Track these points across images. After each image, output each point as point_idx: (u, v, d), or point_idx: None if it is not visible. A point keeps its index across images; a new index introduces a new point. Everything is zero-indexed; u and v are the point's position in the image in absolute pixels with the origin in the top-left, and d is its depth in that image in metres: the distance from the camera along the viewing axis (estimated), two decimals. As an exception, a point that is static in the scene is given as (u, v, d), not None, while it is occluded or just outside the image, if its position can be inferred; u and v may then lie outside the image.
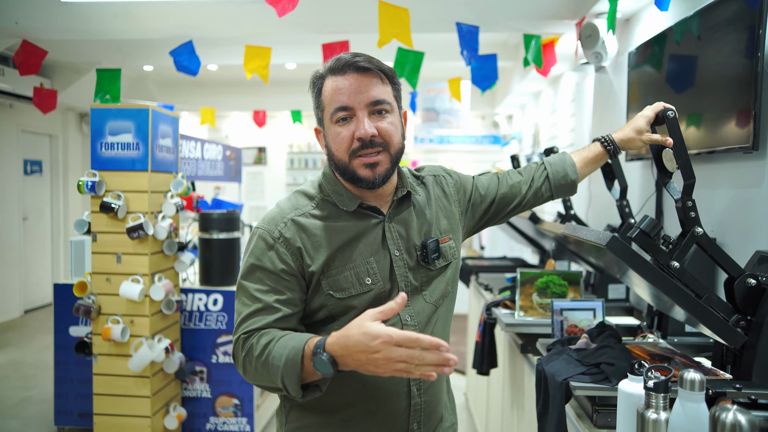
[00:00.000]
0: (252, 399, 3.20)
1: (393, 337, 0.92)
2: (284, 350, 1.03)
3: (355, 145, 1.13)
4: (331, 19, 3.42)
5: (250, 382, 1.14)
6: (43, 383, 4.30)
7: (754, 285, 1.28)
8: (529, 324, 2.11)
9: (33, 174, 6.89)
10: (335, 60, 1.15)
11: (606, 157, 1.49)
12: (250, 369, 1.10)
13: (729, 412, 0.85)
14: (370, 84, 1.13)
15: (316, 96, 1.19)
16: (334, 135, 1.15)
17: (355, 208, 1.18)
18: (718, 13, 1.85)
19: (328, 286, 1.15)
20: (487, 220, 1.42)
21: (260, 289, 1.13)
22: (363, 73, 1.13)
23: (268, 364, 1.05)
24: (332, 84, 1.14)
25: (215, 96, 7.73)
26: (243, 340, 1.10)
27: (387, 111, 1.15)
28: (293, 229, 1.15)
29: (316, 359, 0.98)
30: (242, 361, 1.10)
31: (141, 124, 2.82)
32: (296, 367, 1.01)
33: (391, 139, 1.15)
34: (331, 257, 1.15)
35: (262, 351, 1.06)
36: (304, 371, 1.01)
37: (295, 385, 1.02)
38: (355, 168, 1.14)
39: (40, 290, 6.96)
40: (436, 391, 1.24)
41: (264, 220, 1.19)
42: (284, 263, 1.14)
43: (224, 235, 3.19)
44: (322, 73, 1.17)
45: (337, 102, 1.13)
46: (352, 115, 1.13)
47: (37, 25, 3.51)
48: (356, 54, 1.15)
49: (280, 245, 1.14)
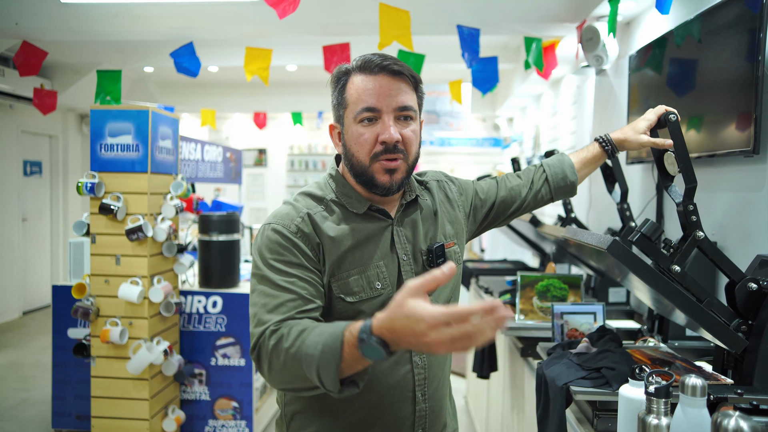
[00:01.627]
0: (251, 402, 3.19)
1: (438, 319, 0.79)
2: (320, 337, 0.92)
3: (378, 148, 1.11)
4: (332, 21, 3.42)
5: (275, 382, 1.02)
6: (41, 385, 4.29)
7: (755, 289, 1.27)
8: (530, 327, 2.10)
9: (33, 175, 6.89)
10: (365, 60, 1.12)
11: (604, 156, 1.49)
12: (277, 363, 0.98)
13: (731, 418, 0.85)
14: (399, 88, 1.12)
15: (338, 92, 1.16)
16: (356, 135, 1.12)
17: (365, 211, 1.16)
18: (719, 17, 1.85)
19: (339, 290, 1.12)
20: (488, 223, 1.42)
21: (285, 280, 1.06)
22: (394, 77, 1.12)
23: (300, 354, 0.94)
24: (361, 83, 1.12)
25: (216, 97, 7.74)
26: (271, 331, 1.00)
27: (411, 118, 1.14)
28: (311, 225, 1.12)
29: (365, 345, 0.86)
30: (269, 353, 0.99)
31: (141, 125, 2.81)
32: (335, 354, 0.89)
33: (410, 148, 1.14)
34: (342, 259, 1.12)
35: (295, 340, 0.96)
36: (344, 360, 0.89)
37: (333, 375, 0.90)
38: (374, 172, 1.12)
39: (39, 291, 6.95)
40: (440, 397, 1.23)
41: (276, 216, 1.14)
42: (305, 256, 1.09)
43: (224, 237, 3.18)
44: (349, 68, 1.14)
45: (364, 102, 1.11)
46: (377, 117, 1.11)
47: (37, 25, 3.51)
48: (385, 56, 1.13)
49: (299, 239, 1.10)
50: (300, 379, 0.96)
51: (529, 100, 6.05)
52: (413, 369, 1.16)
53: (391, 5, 2.80)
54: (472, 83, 3.40)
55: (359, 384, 0.94)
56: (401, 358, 1.16)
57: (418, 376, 1.17)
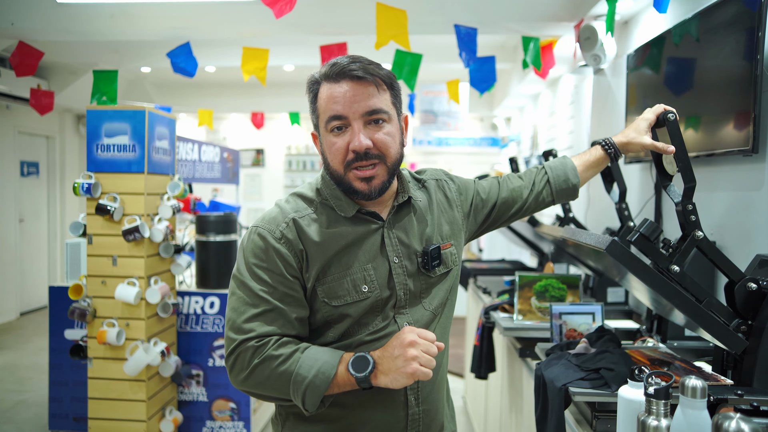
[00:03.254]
0: (249, 403, 3.18)
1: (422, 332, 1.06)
2: (315, 363, 1.05)
3: (350, 156, 1.10)
4: (329, 21, 3.41)
5: (244, 387, 1.09)
6: (38, 386, 4.27)
7: (754, 289, 1.27)
8: (528, 328, 2.10)
9: (30, 176, 6.87)
10: (331, 65, 1.12)
11: (607, 160, 1.47)
12: (259, 377, 1.06)
13: (732, 420, 0.84)
14: (365, 93, 1.09)
15: (311, 101, 1.16)
16: (329, 144, 1.12)
17: (354, 214, 1.16)
18: (717, 16, 1.84)
19: (324, 293, 1.12)
20: (489, 224, 1.40)
21: (265, 290, 1.09)
22: (358, 82, 1.09)
23: (289, 373, 1.04)
24: (327, 91, 1.11)
25: (213, 98, 7.72)
26: (254, 348, 1.06)
27: (384, 120, 1.12)
28: (295, 231, 1.12)
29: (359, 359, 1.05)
30: (252, 366, 1.06)
31: (137, 125, 2.80)
32: (327, 381, 1.04)
33: (387, 151, 1.12)
34: (328, 264, 1.12)
35: (285, 359, 1.05)
36: (333, 386, 1.05)
37: (318, 398, 1.04)
38: (350, 180, 1.12)
39: (36, 292, 6.93)
40: (435, 400, 1.22)
41: (264, 219, 1.15)
42: (287, 264, 1.11)
43: (221, 238, 3.17)
44: (317, 78, 1.14)
45: (331, 110, 1.10)
46: (347, 125, 1.10)
47: (33, 26, 3.49)
48: (354, 59, 1.11)
49: (282, 246, 1.11)
50: (276, 392, 1.08)
51: (527, 100, 6.05)
52: None
53: (388, 5, 2.79)
54: (470, 83, 3.39)
55: (326, 404, 1.07)
56: None
57: None
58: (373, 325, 1.14)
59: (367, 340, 1.13)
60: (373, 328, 1.14)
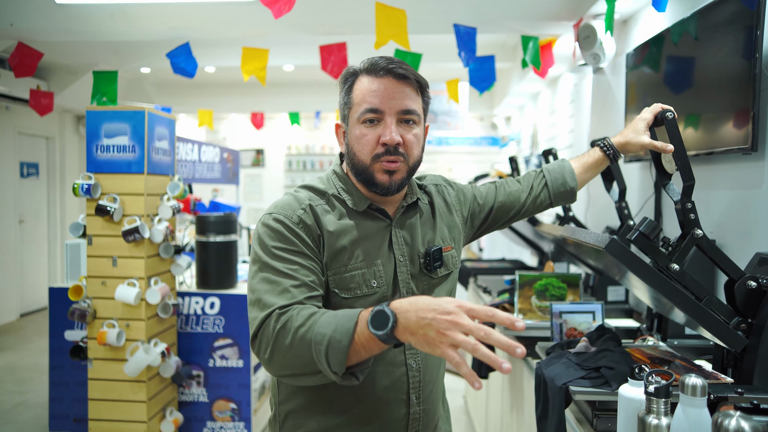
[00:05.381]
0: (249, 403, 3.18)
1: (467, 306, 0.85)
2: (334, 318, 0.95)
3: (379, 149, 1.12)
4: (328, 21, 3.41)
5: (274, 366, 1.01)
6: (38, 387, 4.27)
7: (754, 287, 1.27)
8: (528, 327, 2.10)
9: (30, 176, 6.87)
10: (372, 62, 1.14)
11: (606, 162, 1.48)
12: (282, 344, 0.98)
13: (732, 418, 0.84)
14: (404, 92, 1.13)
15: (345, 92, 1.17)
16: (359, 135, 1.14)
17: (365, 209, 1.17)
18: (716, 14, 1.84)
19: (334, 284, 1.13)
20: (486, 227, 1.43)
21: (288, 267, 1.07)
22: (400, 80, 1.13)
23: (310, 334, 0.95)
24: (367, 84, 1.14)
25: (213, 98, 7.72)
26: (278, 315, 1.00)
27: (414, 122, 1.15)
28: (312, 216, 1.13)
29: (377, 313, 0.89)
30: (275, 335, 0.98)
31: (137, 126, 2.80)
32: (348, 333, 0.91)
33: (412, 152, 1.15)
34: (339, 254, 1.13)
35: (305, 321, 0.97)
36: (354, 342, 0.91)
37: (342, 354, 0.91)
38: (374, 171, 1.14)
39: (37, 293, 6.93)
40: (434, 400, 1.23)
41: (278, 206, 1.14)
42: (307, 245, 1.10)
43: (221, 238, 3.17)
44: (357, 70, 1.16)
45: (368, 103, 1.12)
46: (380, 119, 1.13)
47: (32, 26, 3.49)
48: (392, 59, 1.14)
49: (301, 230, 1.11)
50: (303, 361, 0.96)
51: (527, 99, 6.05)
52: (408, 372, 1.17)
53: (387, 4, 2.79)
54: (470, 82, 3.39)
55: (359, 377, 0.95)
56: (396, 359, 1.16)
57: (412, 379, 1.17)
58: None
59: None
60: None
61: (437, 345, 0.84)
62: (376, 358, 1.11)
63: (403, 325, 0.87)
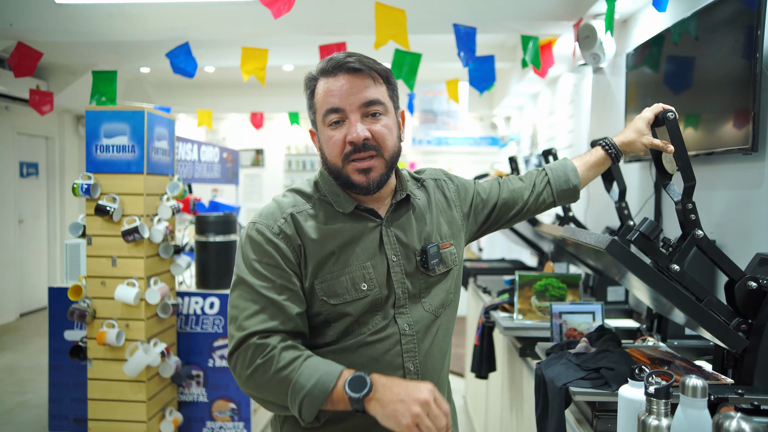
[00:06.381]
0: (249, 403, 3.18)
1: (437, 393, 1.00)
2: (316, 372, 1.02)
3: (348, 149, 1.11)
4: (328, 21, 3.41)
5: (247, 388, 1.08)
6: (37, 388, 4.27)
7: (754, 288, 1.27)
8: (528, 327, 2.09)
9: (29, 176, 6.86)
10: (327, 60, 1.13)
11: (608, 161, 1.47)
12: (260, 379, 1.04)
13: (732, 419, 0.84)
14: (362, 85, 1.11)
15: (309, 98, 1.17)
16: (327, 138, 1.13)
17: (352, 210, 1.16)
18: (716, 14, 1.84)
19: (322, 291, 1.11)
20: (489, 225, 1.40)
21: (264, 286, 1.09)
22: (355, 74, 1.11)
23: (290, 378, 1.02)
24: (324, 86, 1.12)
25: (212, 98, 7.72)
26: (255, 346, 1.05)
27: (381, 113, 1.13)
28: (293, 226, 1.13)
29: (356, 377, 1.00)
30: (254, 366, 1.04)
31: (136, 126, 2.80)
32: (325, 392, 1.00)
33: (384, 143, 1.12)
34: (325, 260, 1.12)
35: (287, 365, 1.03)
36: (329, 401, 1.01)
37: (315, 409, 1.01)
38: (348, 173, 1.12)
39: (36, 293, 6.93)
40: None
41: (261, 215, 1.15)
42: (286, 258, 1.10)
43: (221, 238, 3.17)
44: (315, 74, 1.15)
45: (328, 104, 1.11)
46: (344, 118, 1.11)
47: (32, 26, 3.48)
48: (349, 54, 1.13)
49: (281, 241, 1.11)
50: (275, 396, 1.05)
51: (526, 99, 6.05)
52: (405, 376, 1.14)
53: (387, 4, 2.78)
54: (469, 82, 3.39)
55: (320, 419, 1.04)
56: (394, 362, 1.14)
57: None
58: (373, 323, 1.13)
59: (369, 341, 1.12)
60: (373, 327, 1.13)
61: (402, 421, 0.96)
62: (373, 362, 1.12)
63: (379, 395, 0.98)
